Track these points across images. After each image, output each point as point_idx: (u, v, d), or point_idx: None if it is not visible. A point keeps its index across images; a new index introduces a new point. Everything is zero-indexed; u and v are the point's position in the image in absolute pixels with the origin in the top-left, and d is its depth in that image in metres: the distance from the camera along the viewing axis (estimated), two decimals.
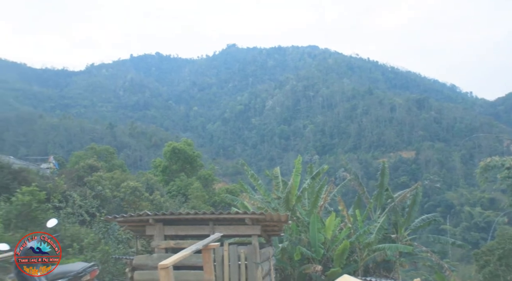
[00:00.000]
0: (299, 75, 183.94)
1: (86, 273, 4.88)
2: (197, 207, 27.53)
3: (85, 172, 25.02)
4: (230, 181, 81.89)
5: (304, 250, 13.12)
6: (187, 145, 42.37)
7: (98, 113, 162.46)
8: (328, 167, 18.03)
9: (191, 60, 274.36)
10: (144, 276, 8.85)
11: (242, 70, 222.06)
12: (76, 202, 18.39)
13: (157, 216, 8.94)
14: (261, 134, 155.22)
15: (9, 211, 14.56)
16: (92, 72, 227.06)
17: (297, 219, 14.85)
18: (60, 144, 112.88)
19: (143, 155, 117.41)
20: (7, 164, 19.91)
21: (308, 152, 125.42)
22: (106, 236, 15.78)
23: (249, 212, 9.05)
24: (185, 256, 5.14)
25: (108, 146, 50.99)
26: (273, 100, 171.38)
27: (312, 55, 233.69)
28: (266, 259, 9.46)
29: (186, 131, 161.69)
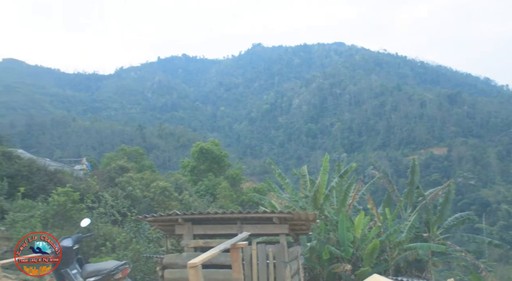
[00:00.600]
0: (326, 72, 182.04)
1: (118, 271, 5.01)
2: (225, 207, 27.75)
3: (116, 173, 25.63)
4: (257, 180, 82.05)
5: (333, 249, 12.98)
6: (214, 145, 42.77)
7: (127, 115, 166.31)
8: (356, 165, 17.75)
9: (217, 60, 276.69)
10: (174, 275, 9.00)
11: (268, 69, 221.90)
12: (108, 202, 18.85)
13: (186, 216, 9.06)
14: (288, 133, 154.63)
15: (46, 211, 15.11)
16: (121, 75, 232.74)
17: (325, 218, 14.72)
18: (92, 146, 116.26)
19: (172, 155, 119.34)
20: (44, 166, 20.68)
21: (336, 150, 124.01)
22: (137, 235, 16.11)
23: (277, 211, 9.06)
24: (214, 255, 5.19)
25: (137, 147, 52.12)
26: (300, 99, 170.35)
27: (338, 52, 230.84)
28: (294, 258, 9.43)
29: (213, 131, 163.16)
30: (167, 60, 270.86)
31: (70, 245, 5.46)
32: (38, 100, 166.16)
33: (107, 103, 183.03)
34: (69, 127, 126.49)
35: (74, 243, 5.55)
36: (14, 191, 17.18)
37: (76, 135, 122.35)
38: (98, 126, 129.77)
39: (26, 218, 14.44)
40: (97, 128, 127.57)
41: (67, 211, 15.29)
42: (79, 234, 5.91)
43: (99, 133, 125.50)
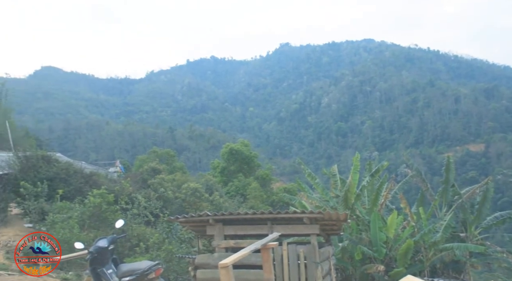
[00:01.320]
0: (355, 70, 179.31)
1: (151, 271, 5.13)
2: (255, 207, 27.81)
3: (148, 175, 26.18)
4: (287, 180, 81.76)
5: (365, 250, 12.75)
6: (244, 145, 42.96)
7: (158, 117, 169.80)
8: (388, 163, 17.36)
9: (245, 61, 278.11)
10: (206, 275, 9.09)
11: (296, 69, 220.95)
12: (141, 204, 19.26)
13: (216, 216, 9.14)
14: (317, 132, 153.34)
15: (83, 213, 15.63)
16: (152, 79, 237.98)
17: (356, 218, 14.49)
18: (125, 149, 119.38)
19: (202, 157, 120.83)
20: (80, 169, 21.36)
21: (367, 148, 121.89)
22: (170, 236, 16.39)
23: (307, 211, 8.98)
24: (245, 255, 5.22)
25: (169, 149, 53.06)
26: (329, 97, 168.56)
27: (367, 49, 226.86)
28: (325, 259, 9.32)
29: (242, 132, 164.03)
30: (196, 63, 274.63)
31: (106, 246, 5.63)
32: (74, 105, 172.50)
33: (139, 107, 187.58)
34: (103, 131, 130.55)
35: (109, 243, 5.72)
36: (53, 193, 17.87)
37: (109, 138, 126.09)
38: (130, 129, 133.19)
39: (64, 219, 15.00)
40: (129, 131, 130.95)
41: (102, 212, 15.76)
42: (114, 235, 6.08)
43: (131, 136, 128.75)
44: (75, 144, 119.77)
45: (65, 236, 13.81)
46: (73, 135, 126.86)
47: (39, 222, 16.49)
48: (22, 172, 18.71)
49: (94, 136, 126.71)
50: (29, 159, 19.45)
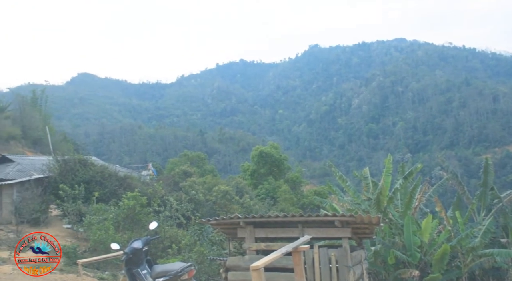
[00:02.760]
0: (386, 70, 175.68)
1: (184, 272, 5.21)
2: (285, 210, 27.72)
3: (180, 178, 26.64)
4: (318, 183, 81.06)
5: (399, 254, 12.43)
6: (273, 148, 42.94)
7: (189, 121, 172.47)
8: (422, 165, 16.88)
9: (274, 64, 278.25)
10: (237, 277, 9.13)
11: (325, 70, 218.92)
12: (173, 206, 19.62)
13: (247, 219, 9.17)
14: (348, 134, 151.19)
15: (118, 214, 16.10)
16: (183, 83, 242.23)
17: (389, 221, 14.17)
18: (157, 152, 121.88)
19: (232, 159, 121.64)
20: (115, 172, 22.02)
21: (399, 150, 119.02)
22: (201, 238, 16.60)
23: (339, 214, 8.86)
24: (276, 258, 5.22)
25: (199, 152, 53.86)
26: (359, 99, 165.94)
27: (399, 49, 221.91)
28: (358, 263, 9.17)
29: (272, 134, 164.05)
30: (226, 66, 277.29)
31: (140, 247, 5.78)
32: (108, 110, 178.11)
33: (170, 111, 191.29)
34: (136, 135, 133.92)
35: (143, 245, 5.87)
36: (89, 196, 18.52)
37: (142, 142, 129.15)
38: (162, 132, 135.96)
39: (100, 221, 15.50)
40: (161, 135, 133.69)
41: (136, 214, 16.16)
42: (147, 236, 6.23)
43: (163, 139, 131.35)
44: (109, 148, 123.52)
45: (101, 237, 14.27)
46: (107, 139, 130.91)
47: (77, 223, 17.13)
48: (61, 175, 19.47)
49: (127, 140, 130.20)
50: (67, 162, 20.22)
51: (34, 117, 51.34)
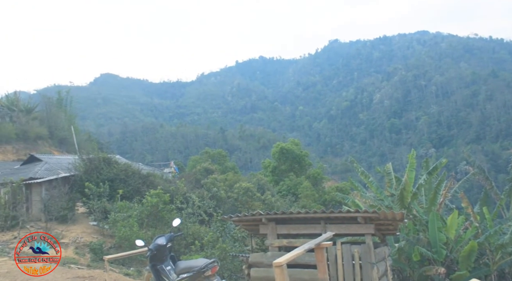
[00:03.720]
0: (408, 64, 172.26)
1: (207, 269, 5.26)
2: (307, 206, 27.62)
3: (201, 175, 26.90)
4: (339, 179, 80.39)
5: (424, 251, 12.18)
6: (294, 145, 42.80)
7: (209, 119, 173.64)
8: (447, 160, 16.46)
9: (294, 60, 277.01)
10: (260, 273, 9.16)
11: (346, 65, 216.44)
12: (195, 203, 19.84)
13: (269, 216, 9.18)
14: (370, 130, 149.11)
15: (141, 212, 16.39)
16: (203, 81, 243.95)
17: (413, 218, 13.91)
18: (178, 150, 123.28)
19: (253, 156, 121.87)
20: (138, 170, 22.38)
21: (423, 145, 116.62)
22: (223, 235, 16.71)
23: (361, 211, 8.76)
24: (298, 254, 5.21)
25: (220, 150, 54.14)
26: (381, 93, 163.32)
27: (421, 42, 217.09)
28: (381, 259, 9.06)
29: (292, 131, 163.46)
30: (245, 64, 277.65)
31: (164, 243, 5.87)
32: (130, 109, 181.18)
33: (191, 109, 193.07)
34: (158, 133, 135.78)
35: (167, 241, 5.96)
36: (114, 193, 18.89)
37: (164, 140, 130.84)
38: (183, 130, 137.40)
39: (125, 218, 15.82)
40: (182, 133, 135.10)
41: (159, 211, 16.42)
42: (171, 233, 6.32)
43: (184, 137, 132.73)
44: (132, 147, 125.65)
45: (126, 233, 14.57)
46: (130, 138, 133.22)
47: (103, 220, 17.53)
48: (86, 173, 19.93)
49: (149, 139, 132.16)
50: (92, 161, 20.66)
51: (60, 117, 52.72)
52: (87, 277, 10.43)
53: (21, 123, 45.43)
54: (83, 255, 14.27)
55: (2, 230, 16.39)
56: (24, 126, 45.26)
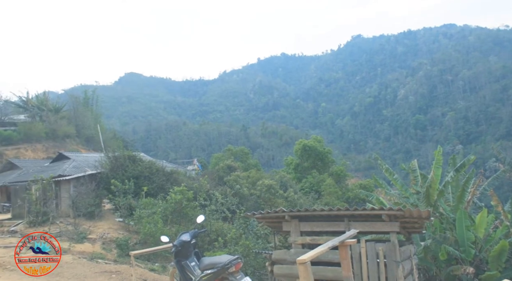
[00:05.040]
0: (434, 58, 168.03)
1: (232, 265, 5.29)
2: (330, 204, 27.40)
3: (224, 172, 27.03)
4: (363, 176, 79.36)
5: (451, 250, 11.88)
6: (317, 142, 42.51)
7: (232, 116, 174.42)
8: (475, 157, 15.99)
9: (316, 56, 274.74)
10: (283, 270, 9.17)
11: (369, 61, 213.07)
12: (218, 200, 19.98)
13: (292, 213, 9.16)
14: (394, 126, 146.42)
15: (166, 208, 16.64)
16: (225, 79, 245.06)
17: (440, 216, 13.59)
18: (201, 147, 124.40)
19: (275, 154, 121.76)
20: (162, 167, 22.73)
21: (449, 142, 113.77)
22: (246, 232, 16.80)
23: (386, 208, 8.63)
24: (322, 252, 5.18)
25: (243, 147, 54.30)
26: (406, 89, 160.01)
27: (448, 35, 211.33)
28: (407, 258, 8.89)
29: (315, 128, 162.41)
30: (267, 61, 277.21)
31: (189, 240, 5.95)
32: (154, 107, 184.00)
33: (213, 106, 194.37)
34: (181, 131, 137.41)
35: (191, 237, 6.03)
36: (139, 190, 19.26)
37: (187, 137, 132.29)
38: (206, 128, 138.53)
39: (149, 215, 16.10)
40: (205, 130, 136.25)
41: (183, 208, 16.63)
42: (195, 229, 6.39)
43: (207, 135, 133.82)
44: (156, 144, 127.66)
45: (151, 230, 14.84)
46: (154, 136, 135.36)
47: (128, 217, 17.90)
48: (112, 171, 20.38)
49: (173, 136, 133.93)
50: (118, 159, 21.10)
51: (87, 116, 54.10)
52: (114, 272, 10.69)
53: (50, 122, 46.90)
54: (109, 250, 14.62)
55: (34, 226, 16.96)
56: (53, 125, 46.71)
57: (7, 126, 44.93)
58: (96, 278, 9.91)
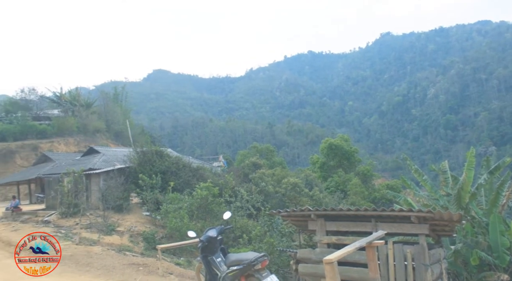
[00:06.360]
0: (467, 57, 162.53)
1: (258, 262, 5.26)
2: (356, 204, 27.05)
3: (249, 170, 27.10)
4: (389, 177, 77.88)
5: (484, 255, 11.47)
6: (343, 140, 42.00)
7: (258, 114, 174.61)
8: (511, 159, 15.41)
9: (343, 54, 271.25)
10: (308, 269, 9.12)
11: (398, 59, 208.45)
12: (243, 197, 20.06)
13: (319, 212, 9.08)
14: (423, 126, 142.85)
15: (192, 204, 16.84)
16: (251, 76, 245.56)
17: (472, 219, 13.15)
18: (227, 144, 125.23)
19: (301, 152, 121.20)
20: (188, 163, 23.01)
21: (482, 143, 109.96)
22: (271, 229, 16.79)
23: (415, 210, 8.43)
24: (349, 252, 5.12)
25: (268, 145, 54.28)
26: (436, 88, 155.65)
27: (482, 32, 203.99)
28: (436, 261, 8.66)
29: (341, 126, 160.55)
30: (294, 58, 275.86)
31: (215, 235, 5.98)
32: (181, 104, 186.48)
33: (239, 104, 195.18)
34: (207, 127, 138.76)
35: (218, 233, 6.06)
36: (165, 185, 19.57)
37: (213, 134, 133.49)
38: (231, 125, 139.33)
39: (176, 210, 16.33)
40: (231, 128, 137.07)
41: (209, 204, 16.79)
42: (221, 225, 6.42)
43: (233, 132, 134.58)
44: (182, 140, 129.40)
45: (177, 224, 15.05)
46: (180, 132, 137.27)
47: (155, 211, 18.23)
48: (140, 165, 20.78)
49: (199, 133, 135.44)
50: (146, 154, 21.49)
51: (116, 111, 55.42)
52: (141, 265, 10.90)
53: (82, 117, 48.35)
54: (137, 243, 14.92)
55: (66, 217, 17.53)
56: (84, 120, 48.13)
57: (42, 120, 46.66)
58: (124, 269, 10.14)
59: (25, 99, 48.17)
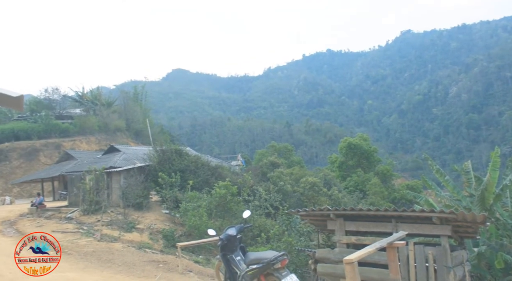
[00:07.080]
0: (491, 54, 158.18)
1: (277, 261, 5.26)
2: (375, 204, 26.75)
3: (267, 169, 27.11)
4: (409, 177, 76.70)
5: (509, 258, 11.18)
6: (362, 140, 41.58)
7: (276, 113, 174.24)
8: None
9: (362, 53, 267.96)
10: (326, 269, 9.07)
11: (419, 57, 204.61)
12: (262, 196, 20.08)
13: (338, 212, 9.02)
14: (444, 125, 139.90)
15: (210, 202, 16.96)
16: (269, 75, 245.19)
17: (496, 221, 12.84)
18: (245, 143, 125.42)
19: (319, 151, 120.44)
20: (207, 162, 23.17)
21: (507, 143, 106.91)
22: (289, 228, 16.76)
23: (437, 211, 8.28)
24: (370, 252, 5.08)
25: (286, 144, 54.18)
26: (458, 86, 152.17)
27: (508, 29, 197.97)
28: (458, 264, 8.49)
29: (360, 126, 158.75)
30: (312, 57, 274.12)
31: (235, 234, 6.01)
32: (199, 103, 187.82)
33: (257, 103, 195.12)
34: (225, 126, 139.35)
35: (237, 232, 6.09)
36: (184, 184, 19.76)
37: (231, 133, 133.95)
38: (249, 124, 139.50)
39: (195, 208, 16.48)
40: (249, 127, 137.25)
41: (227, 203, 16.87)
42: (241, 224, 6.45)
43: (251, 131, 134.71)
44: (201, 139, 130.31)
45: (196, 222, 15.18)
46: (199, 131, 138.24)
47: (174, 209, 18.43)
48: (159, 164, 21.04)
49: (217, 132, 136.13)
50: (165, 152, 21.74)
51: (136, 111, 56.24)
52: (160, 262, 11.05)
53: (103, 116, 49.24)
54: (156, 240, 15.12)
55: (88, 214, 17.90)
56: (105, 119, 49.02)
57: (64, 119, 47.73)
58: (144, 266, 10.29)
59: (49, 98, 49.32)
